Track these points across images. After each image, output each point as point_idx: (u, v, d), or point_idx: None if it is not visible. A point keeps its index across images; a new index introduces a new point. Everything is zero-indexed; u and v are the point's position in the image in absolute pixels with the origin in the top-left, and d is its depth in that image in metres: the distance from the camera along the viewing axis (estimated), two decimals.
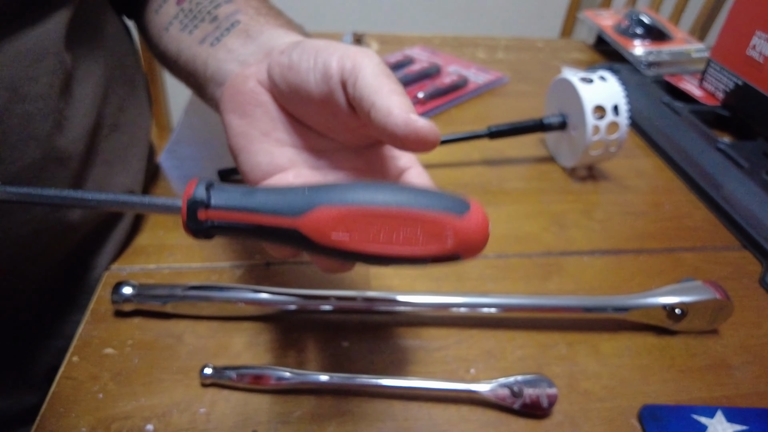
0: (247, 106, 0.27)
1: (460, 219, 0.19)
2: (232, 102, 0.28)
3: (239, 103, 0.27)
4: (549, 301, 0.37)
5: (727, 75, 0.62)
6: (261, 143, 0.27)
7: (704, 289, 0.37)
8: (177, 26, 0.37)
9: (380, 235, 0.20)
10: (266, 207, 0.20)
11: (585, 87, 0.50)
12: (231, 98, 0.28)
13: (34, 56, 0.32)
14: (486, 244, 0.20)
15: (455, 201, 0.20)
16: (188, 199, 0.21)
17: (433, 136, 0.21)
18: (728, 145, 0.55)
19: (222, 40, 0.33)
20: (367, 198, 0.20)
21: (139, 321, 0.37)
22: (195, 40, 0.35)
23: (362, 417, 0.32)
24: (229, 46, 0.33)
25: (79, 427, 0.31)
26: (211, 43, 0.34)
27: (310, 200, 0.20)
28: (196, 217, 0.21)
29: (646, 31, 0.77)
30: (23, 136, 0.32)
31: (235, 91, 0.28)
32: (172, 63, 0.38)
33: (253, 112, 0.27)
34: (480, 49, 0.84)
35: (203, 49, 0.34)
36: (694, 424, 0.32)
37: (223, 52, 0.33)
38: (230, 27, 0.34)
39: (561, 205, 0.51)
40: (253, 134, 0.27)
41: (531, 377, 0.33)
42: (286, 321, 0.38)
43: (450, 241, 0.20)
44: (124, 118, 0.42)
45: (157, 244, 0.44)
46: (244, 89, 0.28)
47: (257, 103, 0.27)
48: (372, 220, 0.19)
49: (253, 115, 0.27)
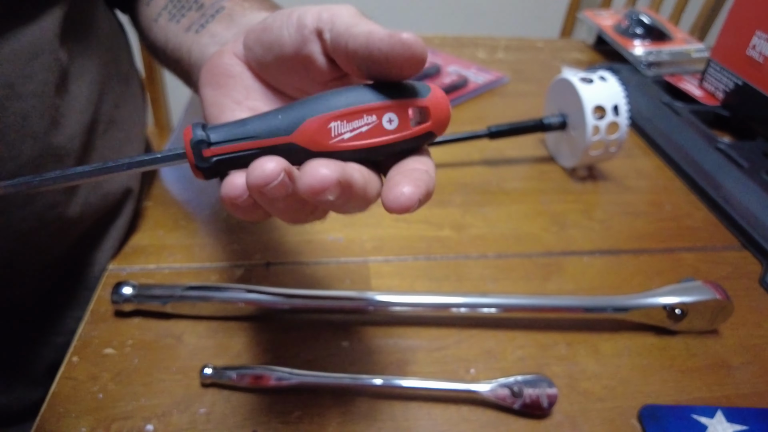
0: (221, 78, 0.27)
1: (427, 98, 0.23)
2: (207, 75, 0.28)
3: (213, 75, 0.28)
4: (549, 301, 0.37)
5: (727, 75, 0.62)
6: (233, 111, 0.27)
7: (704, 289, 0.37)
8: (165, 16, 0.37)
9: (367, 129, 0.22)
10: (261, 132, 0.22)
11: (585, 87, 0.50)
12: (207, 72, 0.28)
13: (30, 54, 0.32)
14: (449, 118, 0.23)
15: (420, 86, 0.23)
16: (191, 141, 0.22)
17: (419, 46, 0.21)
18: (728, 145, 0.55)
19: (206, 26, 0.34)
20: (346, 101, 0.22)
21: (139, 321, 0.37)
22: (181, 29, 0.35)
23: (362, 417, 0.32)
24: (212, 32, 0.33)
25: (79, 427, 0.31)
26: (195, 30, 0.34)
27: (299, 116, 0.22)
28: (203, 156, 0.22)
29: (646, 31, 0.77)
30: (20, 133, 0.32)
31: (212, 65, 0.28)
32: (161, 53, 0.38)
33: (226, 83, 0.27)
34: (480, 49, 0.84)
35: (188, 36, 0.34)
36: (694, 424, 0.32)
37: (206, 38, 0.33)
38: (215, 13, 0.34)
39: (561, 205, 0.51)
40: (226, 103, 0.27)
41: (531, 377, 0.33)
42: (286, 321, 0.38)
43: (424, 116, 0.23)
44: (119, 115, 0.42)
45: (157, 245, 0.44)
46: (220, 63, 0.28)
47: (230, 74, 0.27)
48: (356, 117, 0.22)
49: (226, 86, 0.27)
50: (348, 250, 0.44)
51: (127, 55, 0.46)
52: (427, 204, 0.50)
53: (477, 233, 0.47)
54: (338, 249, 0.44)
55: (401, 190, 0.20)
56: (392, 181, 0.21)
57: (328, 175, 0.20)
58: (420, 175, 0.21)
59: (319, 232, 0.46)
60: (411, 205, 0.20)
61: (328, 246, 0.44)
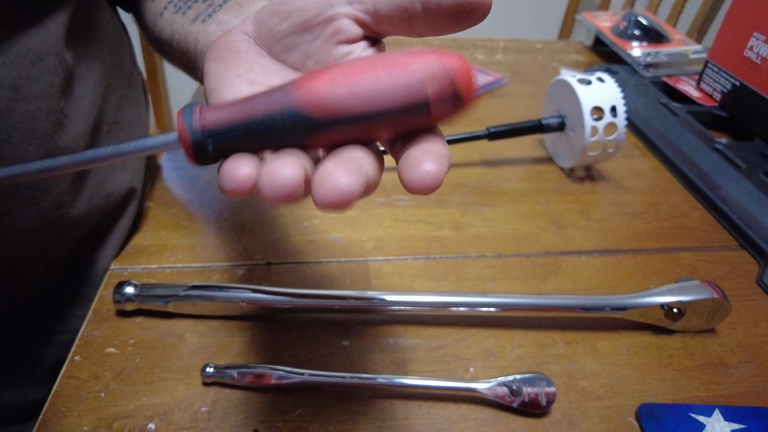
0: (226, 52, 0.27)
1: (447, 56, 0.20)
2: (212, 52, 0.28)
3: (218, 51, 0.27)
4: (547, 301, 0.37)
5: (725, 76, 0.63)
6: (232, 82, 0.26)
7: (702, 288, 0.37)
8: (171, 9, 0.37)
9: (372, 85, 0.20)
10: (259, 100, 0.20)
11: (583, 88, 0.51)
12: (212, 49, 0.28)
13: (35, 56, 0.32)
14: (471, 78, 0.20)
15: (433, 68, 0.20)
16: (182, 114, 0.20)
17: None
18: (725, 146, 0.55)
19: (213, 15, 0.33)
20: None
21: (140, 320, 0.37)
22: (188, 20, 0.35)
23: (362, 415, 0.32)
24: (220, 19, 0.33)
25: (82, 426, 0.31)
26: (203, 20, 0.34)
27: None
28: (197, 132, 0.20)
29: (644, 32, 0.78)
30: (26, 135, 0.32)
31: (218, 43, 0.28)
32: (167, 46, 0.38)
33: (230, 57, 0.27)
34: (479, 50, 0.84)
35: (195, 26, 0.34)
36: (691, 423, 0.32)
37: (213, 26, 0.33)
38: (222, 3, 0.34)
39: (559, 206, 0.51)
40: (227, 75, 0.26)
41: (530, 376, 0.33)
42: (287, 320, 0.38)
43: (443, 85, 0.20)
44: (123, 116, 0.42)
45: (159, 244, 0.44)
46: (227, 39, 0.27)
47: (235, 50, 0.27)
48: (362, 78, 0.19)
49: (230, 59, 0.27)
50: (348, 250, 0.44)
51: (129, 56, 0.46)
52: (427, 204, 0.50)
53: (476, 233, 0.47)
54: (338, 249, 0.44)
55: (425, 168, 0.19)
56: (413, 159, 0.19)
57: (348, 185, 0.17)
58: (440, 150, 0.20)
59: (319, 232, 0.46)
60: (436, 184, 0.19)
61: (328, 246, 0.45)
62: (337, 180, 0.17)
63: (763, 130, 0.57)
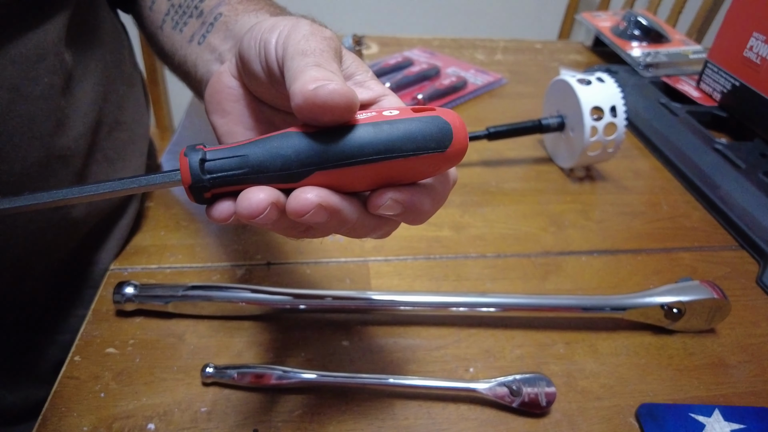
0: (226, 104, 0.27)
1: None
2: (212, 102, 0.28)
3: (218, 102, 0.27)
4: (547, 301, 0.37)
5: (724, 76, 0.63)
6: (244, 136, 0.27)
7: (701, 288, 0.37)
8: (169, 24, 0.37)
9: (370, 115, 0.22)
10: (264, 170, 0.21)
11: (583, 88, 0.51)
12: (210, 98, 0.28)
13: (36, 57, 0.32)
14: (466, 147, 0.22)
15: (438, 138, 0.21)
16: (185, 152, 0.21)
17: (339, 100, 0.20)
18: (725, 146, 0.55)
19: (207, 37, 0.33)
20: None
21: (140, 321, 0.37)
22: (185, 39, 0.35)
23: (362, 415, 0.32)
24: (213, 45, 0.33)
25: (81, 426, 0.31)
26: (198, 41, 0.34)
27: (305, 166, 0.21)
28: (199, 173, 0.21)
29: (644, 32, 0.78)
30: (26, 135, 0.32)
31: (213, 91, 0.28)
32: (170, 62, 0.38)
33: (232, 109, 0.27)
34: (479, 50, 0.84)
35: (192, 49, 0.34)
36: (691, 423, 0.32)
37: (207, 53, 0.33)
38: (213, 21, 0.33)
39: (559, 206, 0.51)
40: (238, 131, 0.27)
41: (529, 376, 0.33)
42: (287, 320, 0.38)
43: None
44: (123, 116, 0.42)
45: (159, 245, 0.44)
46: (220, 87, 0.27)
47: (234, 99, 0.27)
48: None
49: (233, 112, 0.27)
50: (348, 250, 0.44)
51: (129, 56, 0.46)
52: None
53: (476, 233, 0.47)
54: (338, 249, 0.44)
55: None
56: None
57: (310, 199, 0.20)
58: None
59: None
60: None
61: (328, 246, 0.45)
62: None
63: (763, 130, 0.57)
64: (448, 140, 0.21)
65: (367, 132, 0.21)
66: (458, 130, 0.21)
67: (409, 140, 0.21)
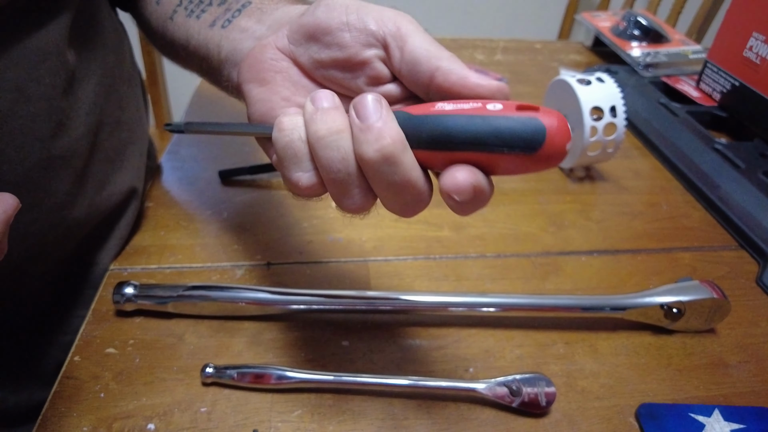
0: (267, 73, 0.27)
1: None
2: (251, 71, 0.27)
3: (258, 71, 0.27)
4: (547, 301, 0.37)
5: (724, 76, 0.63)
6: (282, 108, 0.26)
7: (701, 288, 0.37)
8: (182, 13, 0.36)
9: (470, 107, 0.23)
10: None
11: (582, 88, 0.51)
12: (249, 68, 0.28)
13: (38, 57, 0.32)
14: (566, 149, 0.22)
15: (527, 139, 0.21)
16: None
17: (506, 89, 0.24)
18: (725, 146, 0.55)
19: (233, 21, 0.32)
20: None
21: (140, 321, 0.37)
22: (204, 24, 0.34)
23: (362, 415, 0.32)
24: (242, 26, 0.32)
25: (81, 426, 0.31)
26: (222, 25, 0.33)
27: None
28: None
29: (644, 32, 0.78)
30: (28, 136, 0.32)
31: (254, 60, 0.27)
32: (181, 51, 0.37)
33: (273, 79, 0.27)
34: (478, 50, 0.84)
35: (215, 31, 0.33)
36: (691, 423, 0.32)
37: (236, 32, 0.32)
38: (241, 8, 0.33)
39: (559, 206, 0.51)
40: (275, 100, 0.27)
41: (529, 376, 0.33)
42: (287, 320, 0.38)
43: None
44: (124, 116, 0.42)
45: (159, 245, 0.44)
46: (263, 58, 0.27)
47: (277, 70, 0.27)
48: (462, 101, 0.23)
49: (273, 81, 0.27)
50: (348, 250, 0.44)
51: (129, 56, 0.46)
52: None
53: (476, 233, 0.47)
54: (338, 249, 0.44)
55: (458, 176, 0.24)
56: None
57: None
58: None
59: (319, 232, 0.46)
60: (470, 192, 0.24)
61: (328, 246, 0.45)
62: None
63: (762, 130, 0.57)
64: (538, 143, 0.21)
65: (460, 122, 0.22)
66: (555, 134, 0.21)
67: (496, 137, 0.21)
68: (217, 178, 0.52)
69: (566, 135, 0.21)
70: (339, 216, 0.48)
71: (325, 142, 0.23)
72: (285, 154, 0.24)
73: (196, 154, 0.56)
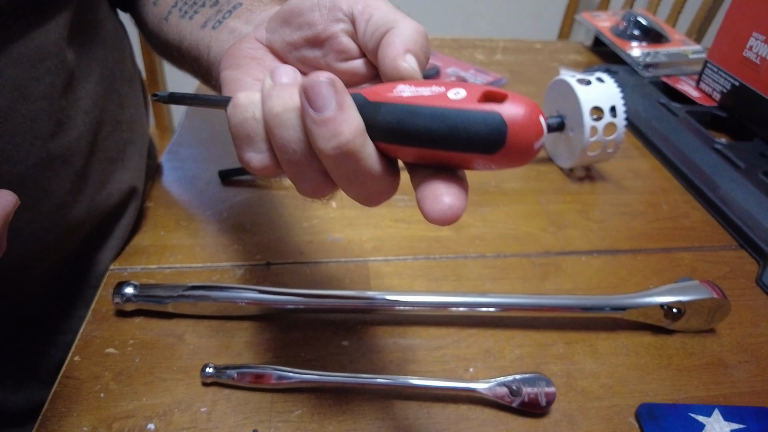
0: (242, 59, 0.27)
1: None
2: (228, 60, 0.28)
3: (234, 59, 0.28)
4: (547, 301, 0.37)
5: (724, 76, 0.63)
6: (251, 85, 0.26)
7: (701, 288, 0.37)
8: (176, 14, 0.36)
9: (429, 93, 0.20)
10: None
11: (582, 88, 0.51)
12: (227, 57, 0.28)
13: (37, 57, 0.32)
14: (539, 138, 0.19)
15: (485, 138, 0.18)
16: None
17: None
18: (725, 146, 0.55)
19: (224, 22, 0.33)
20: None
21: (140, 321, 0.37)
22: (196, 25, 0.35)
23: (362, 415, 0.32)
24: (231, 27, 0.32)
25: (81, 426, 0.31)
26: (212, 26, 0.33)
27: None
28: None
29: (644, 32, 0.78)
30: (28, 135, 0.32)
31: (233, 50, 0.28)
32: (175, 51, 0.37)
33: (246, 63, 0.27)
34: (479, 50, 0.84)
35: (205, 33, 0.34)
36: (691, 423, 0.32)
37: (225, 33, 0.32)
38: (232, 9, 0.33)
39: (559, 206, 0.51)
40: (246, 80, 0.27)
41: (529, 376, 0.33)
42: (287, 320, 0.38)
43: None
44: (124, 115, 0.42)
45: (159, 245, 0.44)
46: (241, 47, 0.28)
47: (252, 57, 0.27)
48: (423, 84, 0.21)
49: (246, 66, 0.27)
50: (348, 250, 0.44)
51: (129, 55, 0.46)
52: None
53: (476, 233, 0.47)
54: (338, 249, 0.44)
55: (446, 203, 0.20)
56: (434, 191, 0.21)
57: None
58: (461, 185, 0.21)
59: (319, 232, 0.46)
60: (456, 219, 0.20)
61: (328, 246, 0.45)
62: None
63: (762, 130, 0.58)
64: (498, 143, 0.18)
65: (413, 114, 0.20)
66: (518, 132, 0.18)
67: (451, 135, 0.19)
68: (217, 178, 0.52)
69: (533, 131, 0.18)
70: (339, 216, 0.48)
71: (279, 120, 0.22)
72: (237, 132, 0.23)
73: (196, 154, 0.56)
